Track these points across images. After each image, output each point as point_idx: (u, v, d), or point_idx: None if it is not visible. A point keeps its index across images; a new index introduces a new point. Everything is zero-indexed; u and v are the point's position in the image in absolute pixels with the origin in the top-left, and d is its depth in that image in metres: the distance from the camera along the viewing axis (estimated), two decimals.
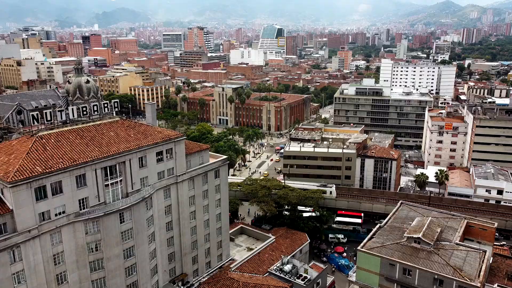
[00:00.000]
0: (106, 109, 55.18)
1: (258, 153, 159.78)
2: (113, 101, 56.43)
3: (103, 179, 48.47)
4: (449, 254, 46.36)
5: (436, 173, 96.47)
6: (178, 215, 59.17)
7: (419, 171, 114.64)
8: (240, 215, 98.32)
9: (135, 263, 51.71)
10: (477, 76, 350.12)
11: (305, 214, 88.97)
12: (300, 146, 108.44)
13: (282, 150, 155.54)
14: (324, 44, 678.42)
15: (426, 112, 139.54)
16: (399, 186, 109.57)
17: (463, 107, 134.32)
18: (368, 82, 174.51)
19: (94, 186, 47.31)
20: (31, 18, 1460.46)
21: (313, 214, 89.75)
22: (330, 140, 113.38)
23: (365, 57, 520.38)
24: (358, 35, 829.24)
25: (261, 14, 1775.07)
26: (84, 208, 46.80)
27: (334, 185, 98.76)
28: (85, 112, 52.83)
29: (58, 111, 50.31)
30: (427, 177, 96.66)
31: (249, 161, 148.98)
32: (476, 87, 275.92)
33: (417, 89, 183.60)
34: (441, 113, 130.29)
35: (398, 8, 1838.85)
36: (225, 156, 65.83)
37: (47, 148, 45.83)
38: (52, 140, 47.12)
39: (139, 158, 51.99)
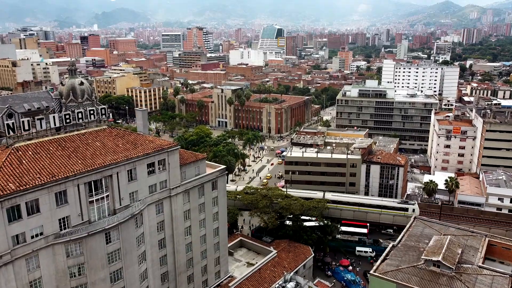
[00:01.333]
0: (92, 116, 50.26)
1: (258, 157, 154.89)
2: (100, 107, 51.52)
3: (87, 195, 43.59)
4: (473, 279, 41.55)
5: (446, 180, 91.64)
6: (172, 231, 54.28)
7: (426, 177, 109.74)
8: (242, 226, 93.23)
9: (123, 286, 46.85)
10: (479, 77, 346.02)
11: (307, 223, 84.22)
12: (303, 152, 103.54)
13: (283, 154, 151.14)
14: (324, 45, 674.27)
15: (433, 115, 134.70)
16: (406, 193, 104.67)
17: (471, 110, 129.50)
18: (371, 84, 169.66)
19: (76, 204, 42.43)
20: (31, 18, 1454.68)
21: (317, 223, 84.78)
22: (334, 145, 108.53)
23: (365, 58, 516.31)
24: (358, 35, 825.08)
25: (261, 14, 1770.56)
26: (65, 228, 41.92)
27: (416, 202, 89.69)
28: (68, 120, 47.91)
29: (38, 119, 45.39)
30: (437, 185, 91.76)
31: (249, 166, 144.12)
32: (479, 88, 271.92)
33: (421, 91, 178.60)
34: (448, 116, 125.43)
35: (398, 9, 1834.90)
36: (223, 166, 60.94)
37: (23, 161, 40.95)
38: (30, 153, 42.23)
39: (128, 171, 47.09)
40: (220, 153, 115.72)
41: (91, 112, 50.02)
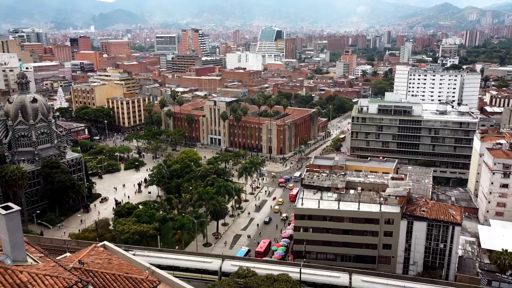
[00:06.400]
0: None
1: (258, 187, 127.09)
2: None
3: None
4: None
5: None
6: None
7: (481, 230, 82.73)
8: None
9: None
10: (493, 83, 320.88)
11: None
12: (318, 200, 76.05)
13: (296, 175, 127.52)
14: (324, 47, 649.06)
15: (476, 140, 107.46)
16: (458, 256, 77.35)
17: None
18: (391, 97, 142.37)
19: None
20: (28, 20, 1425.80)
21: None
22: (359, 187, 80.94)
23: (368, 61, 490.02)
24: (359, 37, 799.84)
25: (259, 16, 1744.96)
26: None
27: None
28: None
29: None
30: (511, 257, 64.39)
31: (246, 201, 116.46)
32: (499, 96, 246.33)
33: (451, 105, 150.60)
34: (500, 144, 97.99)
35: (397, 10, 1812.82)
36: None
37: None
38: None
39: None
40: (207, 196, 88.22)
41: None
